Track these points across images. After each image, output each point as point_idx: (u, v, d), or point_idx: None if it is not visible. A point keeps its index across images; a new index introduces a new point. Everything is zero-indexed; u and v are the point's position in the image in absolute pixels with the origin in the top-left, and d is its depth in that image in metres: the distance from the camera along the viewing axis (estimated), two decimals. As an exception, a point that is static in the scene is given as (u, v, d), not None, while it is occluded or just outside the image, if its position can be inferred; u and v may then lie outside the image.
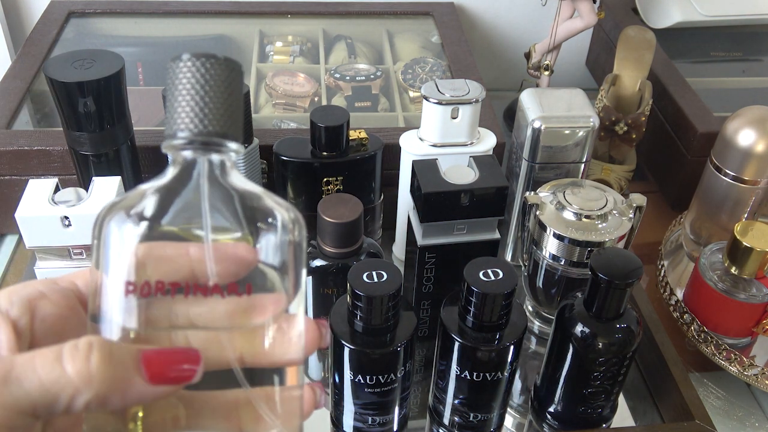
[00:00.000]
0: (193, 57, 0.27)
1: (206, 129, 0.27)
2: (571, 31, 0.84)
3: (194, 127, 0.27)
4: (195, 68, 0.27)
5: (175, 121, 0.27)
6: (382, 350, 0.49)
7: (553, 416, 0.57)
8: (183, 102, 0.27)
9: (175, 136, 0.27)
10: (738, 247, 0.61)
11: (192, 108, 0.27)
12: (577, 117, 0.65)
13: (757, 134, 0.65)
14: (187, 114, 0.27)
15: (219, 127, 0.27)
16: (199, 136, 0.27)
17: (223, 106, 0.27)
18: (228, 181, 0.28)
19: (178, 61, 0.27)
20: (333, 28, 0.97)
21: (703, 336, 0.64)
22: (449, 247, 0.59)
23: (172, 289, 0.27)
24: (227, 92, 0.27)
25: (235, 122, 0.28)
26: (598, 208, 0.59)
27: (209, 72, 0.27)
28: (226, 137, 0.27)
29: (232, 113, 0.27)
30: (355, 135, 0.65)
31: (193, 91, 0.27)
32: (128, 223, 0.27)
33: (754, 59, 1.00)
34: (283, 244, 0.28)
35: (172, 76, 0.27)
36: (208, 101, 0.27)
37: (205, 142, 0.27)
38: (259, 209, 0.28)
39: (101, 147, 0.61)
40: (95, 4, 0.94)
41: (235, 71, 0.28)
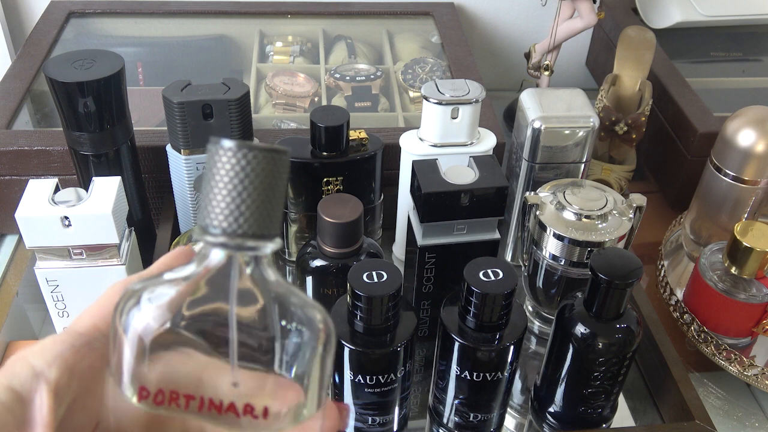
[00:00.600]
0: (235, 147, 0.24)
1: (242, 230, 0.25)
2: (571, 31, 0.84)
3: (228, 226, 0.25)
4: (236, 160, 0.24)
5: (209, 215, 0.25)
6: (382, 350, 0.49)
7: (553, 416, 0.57)
8: (220, 195, 0.24)
9: (209, 232, 0.25)
10: (738, 247, 0.61)
11: (228, 204, 0.24)
12: (577, 117, 0.65)
13: (757, 134, 0.65)
14: (222, 211, 0.25)
15: (256, 228, 0.25)
16: (233, 237, 0.25)
17: (264, 203, 0.25)
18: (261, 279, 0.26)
19: (218, 147, 0.25)
20: (333, 28, 0.97)
21: (703, 336, 0.64)
22: (449, 247, 0.59)
23: (186, 402, 0.25)
24: (269, 188, 0.25)
25: (273, 219, 0.25)
26: (598, 208, 0.59)
27: (251, 164, 0.24)
28: (263, 238, 0.25)
29: (271, 210, 0.25)
30: (355, 135, 0.65)
31: (231, 186, 0.24)
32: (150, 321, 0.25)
33: (754, 59, 1.00)
34: (313, 350, 0.27)
35: (211, 162, 0.25)
36: (246, 198, 0.24)
37: (239, 245, 0.25)
38: (290, 309, 0.27)
39: (101, 147, 0.61)
40: (95, 4, 0.94)
41: (281, 163, 0.25)
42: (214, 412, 0.26)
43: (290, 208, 0.68)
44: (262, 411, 0.26)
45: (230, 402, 0.26)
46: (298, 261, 0.61)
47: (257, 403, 0.26)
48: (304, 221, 0.69)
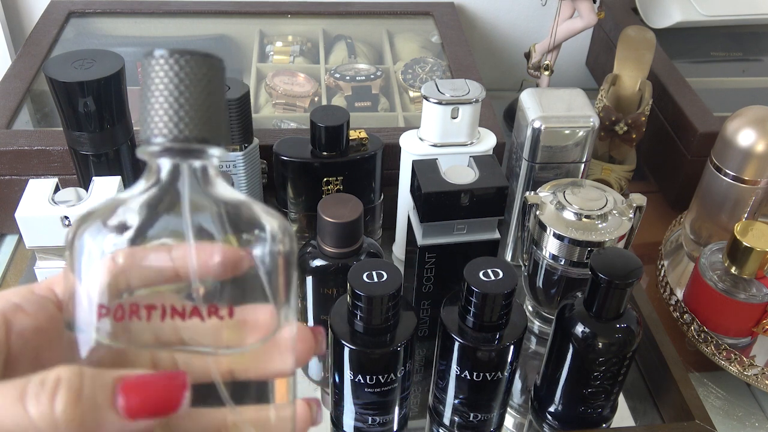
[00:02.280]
0: (167, 53, 0.24)
1: (182, 134, 0.24)
2: (571, 31, 0.84)
3: (169, 132, 0.24)
4: (169, 66, 0.24)
5: (149, 126, 0.25)
6: (382, 350, 0.49)
7: (553, 416, 0.57)
8: (156, 104, 0.24)
9: (150, 142, 0.25)
10: (738, 247, 0.61)
11: (166, 111, 0.24)
12: (577, 117, 0.65)
13: (757, 134, 0.65)
14: (161, 118, 0.24)
15: (198, 131, 0.24)
16: (175, 142, 0.24)
17: (202, 107, 0.25)
18: (211, 190, 0.26)
19: (150, 58, 0.24)
20: (333, 28, 0.97)
21: (703, 336, 0.64)
22: (449, 247, 0.59)
23: (147, 313, 0.25)
24: (206, 92, 0.25)
25: (217, 125, 0.25)
26: (598, 208, 0.59)
27: (184, 70, 0.24)
28: (207, 141, 0.25)
29: (212, 115, 0.25)
30: (355, 135, 0.65)
31: (167, 92, 0.24)
32: (103, 234, 0.25)
33: (754, 59, 1.00)
34: (273, 255, 0.26)
35: (145, 75, 0.25)
36: (184, 102, 0.24)
37: (184, 149, 0.25)
38: (245, 219, 0.26)
39: (101, 147, 0.61)
40: (95, 4, 0.94)
41: (215, 68, 0.25)
42: (178, 319, 0.25)
43: (290, 208, 0.68)
44: (227, 311, 0.25)
45: (192, 306, 0.25)
46: (298, 261, 0.61)
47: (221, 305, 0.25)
48: (304, 221, 0.69)
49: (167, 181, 0.26)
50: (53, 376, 0.22)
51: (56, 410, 0.22)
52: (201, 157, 0.25)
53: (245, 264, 0.26)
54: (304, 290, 0.62)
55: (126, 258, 0.25)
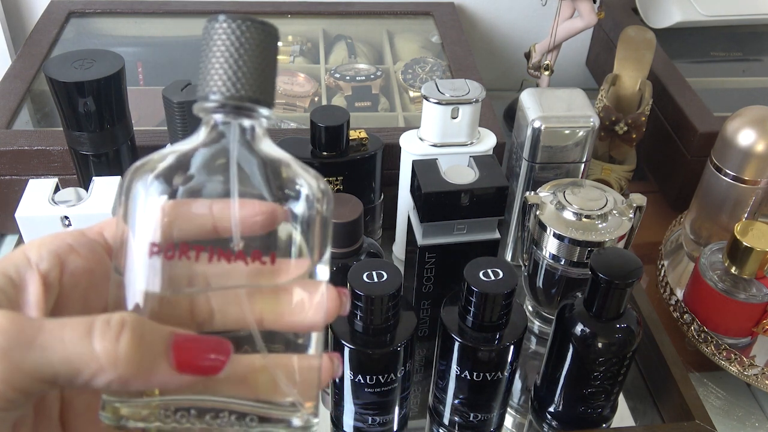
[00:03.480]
0: (229, 18, 0.26)
1: (239, 93, 0.26)
2: (571, 31, 0.84)
3: (227, 90, 0.26)
4: (231, 30, 0.26)
5: (208, 84, 0.27)
6: (382, 350, 0.49)
7: (553, 416, 0.57)
8: (217, 64, 0.26)
9: (208, 99, 0.27)
10: (738, 247, 0.61)
11: (225, 71, 0.26)
12: (577, 117, 0.65)
13: (757, 134, 0.65)
14: (220, 77, 0.26)
15: (252, 91, 0.27)
16: (231, 99, 0.26)
17: (257, 70, 0.27)
18: (258, 147, 0.28)
19: (213, 22, 0.27)
20: (333, 28, 0.97)
21: (703, 336, 0.64)
22: (449, 247, 0.59)
23: (197, 252, 0.26)
24: (262, 57, 0.27)
25: (268, 88, 0.27)
26: (598, 208, 0.59)
27: (245, 35, 0.26)
28: (259, 102, 0.27)
29: (265, 78, 0.27)
30: (355, 135, 0.65)
31: (227, 54, 0.26)
32: (155, 184, 0.27)
33: (754, 59, 1.00)
34: (311, 213, 0.28)
35: (207, 37, 0.27)
36: (242, 65, 0.26)
37: (238, 107, 0.27)
38: (287, 177, 0.28)
39: (101, 147, 0.61)
40: (95, 4, 0.94)
41: (271, 35, 0.27)
42: (224, 261, 0.26)
43: (290, 208, 0.68)
44: (270, 258, 0.27)
45: (239, 250, 0.27)
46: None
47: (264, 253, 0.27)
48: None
49: (219, 136, 0.27)
50: (118, 318, 0.24)
51: (120, 348, 0.24)
52: (252, 116, 0.27)
53: (282, 219, 0.28)
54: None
55: (175, 207, 0.27)
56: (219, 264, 0.27)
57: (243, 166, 0.27)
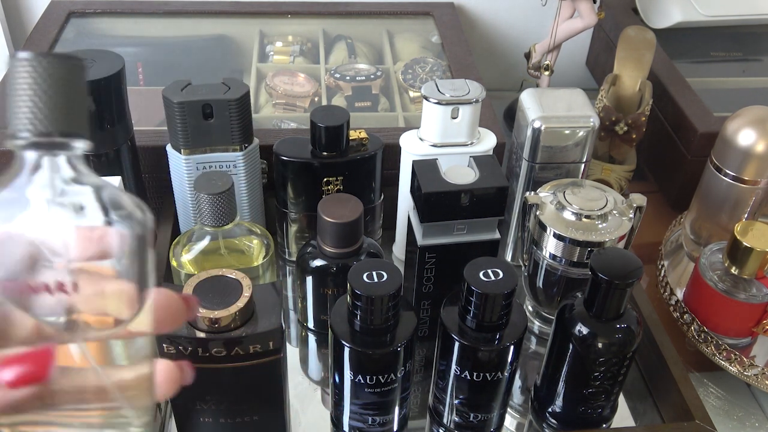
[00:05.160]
0: (29, 56, 0.27)
1: (45, 129, 0.27)
2: (571, 31, 0.84)
3: (34, 127, 0.27)
4: (31, 67, 0.27)
5: (16, 121, 0.27)
6: (382, 350, 0.49)
7: (553, 416, 0.57)
8: (21, 102, 0.27)
9: (17, 137, 0.27)
10: (738, 247, 0.61)
11: (30, 108, 0.27)
12: (577, 117, 0.65)
13: (757, 134, 0.65)
14: (25, 114, 0.27)
15: (61, 125, 0.27)
16: (40, 136, 0.27)
17: (65, 105, 0.27)
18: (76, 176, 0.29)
19: (14, 60, 0.27)
20: (333, 28, 0.97)
21: (703, 336, 0.64)
22: (449, 247, 0.59)
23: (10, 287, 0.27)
24: (67, 91, 0.27)
25: (78, 120, 0.28)
26: (598, 208, 0.59)
27: (45, 71, 0.27)
28: (69, 135, 0.28)
29: (74, 110, 0.28)
30: (355, 135, 0.65)
31: (30, 92, 0.27)
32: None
33: (754, 59, 1.00)
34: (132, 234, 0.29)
35: (11, 75, 0.27)
36: (47, 100, 0.27)
37: (48, 143, 0.27)
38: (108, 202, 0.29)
39: (101, 147, 0.61)
40: (95, 4, 0.94)
41: (74, 68, 0.28)
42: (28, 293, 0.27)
43: (290, 208, 0.68)
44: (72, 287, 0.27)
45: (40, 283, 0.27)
46: (298, 261, 0.61)
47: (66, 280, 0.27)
48: (304, 221, 0.69)
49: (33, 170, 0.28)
50: None
51: None
52: (66, 148, 0.28)
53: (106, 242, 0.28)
54: (304, 290, 0.62)
55: None
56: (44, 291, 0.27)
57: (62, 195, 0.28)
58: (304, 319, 0.65)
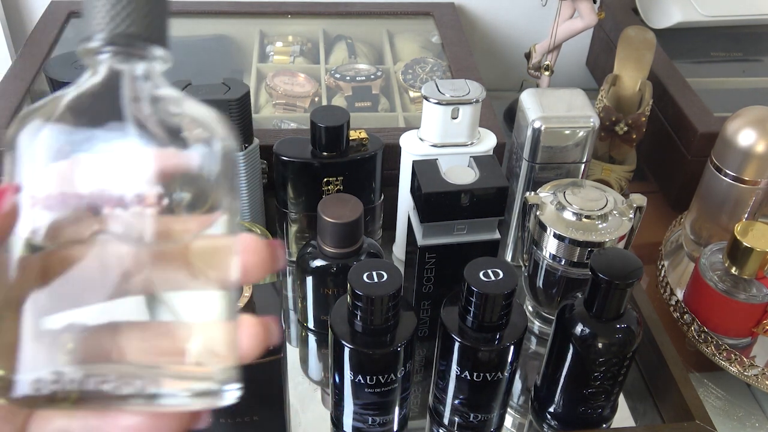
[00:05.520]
0: None
1: (126, 30, 0.24)
2: (572, 31, 0.84)
3: (115, 27, 0.24)
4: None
5: (93, 23, 0.24)
6: (382, 350, 0.49)
7: (553, 416, 0.57)
8: (99, 4, 0.24)
9: (92, 38, 0.24)
10: (738, 248, 0.61)
11: (111, 7, 0.24)
12: (577, 117, 0.65)
13: (757, 134, 0.65)
14: (106, 13, 0.24)
15: (142, 30, 0.24)
16: (120, 38, 0.24)
17: (149, 8, 0.25)
18: (152, 90, 0.26)
19: None
20: (333, 28, 0.97)
21: (703, 336, 0.64)
22: (449, 247, 0.59)
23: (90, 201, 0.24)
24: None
25: (158, 26, 0.25)
26: (598, 209, 0.59)
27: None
28: (149, 41, 0.25)
29: (156, 15, 0.25)
30: (356, 135, 0.65)
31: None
32: (41, 133, 0.24)
33: (754, 59, 1.00)
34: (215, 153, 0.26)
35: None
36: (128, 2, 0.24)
37: (126, 44, 0.24)
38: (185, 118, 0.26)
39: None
40: (95, 4, 0.94)
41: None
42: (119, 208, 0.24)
43: (290, 208, 0.68)
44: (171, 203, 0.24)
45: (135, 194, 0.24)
46: (298, 261, 0.61)
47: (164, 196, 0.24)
48: (304, 221, 0.69)
49: (109, 79, 0.25)
50: None
51: None
52: (143, 56, 0.25)
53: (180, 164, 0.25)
54: (304, 290, 0.62)
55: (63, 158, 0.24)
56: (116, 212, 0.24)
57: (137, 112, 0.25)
58: (304, 319, 0.65)
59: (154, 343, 0.25)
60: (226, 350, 0.26)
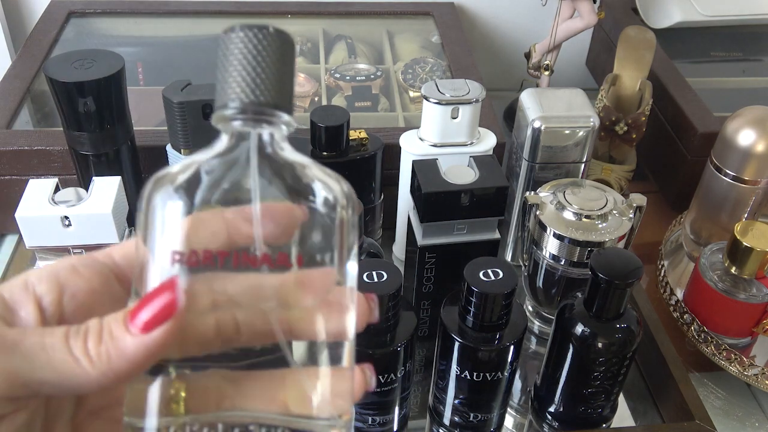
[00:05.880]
0: (246, 28, 0.27)
1: (258, 99, 0.26)
2: (571, 31, 0.84)
3: (245, 97, 0.26)
4: (247, 39, 0.27)
5: (227, 93, 0.27)
6: (382, 350, 0.49)
7: (553, 416, 0.57)
8: (235, 73, 0.26)
9: (227, 107, 0.27)
10: (738, 247, 0.61)
11: (243, 78, 0.26)
12: (577, 117, 0.65)
13: (757, 134, 0.65)
14: (239, 84, 0.26)
15: (270, 97, 0.27)
16: (251, 106, 0.26)
17: (275, 77, 0.27)
18: (279, 154, 0.28)
19: (230, 33, 0.27)
20: (333, 28, 0.97)
21: (703, 336, 0.64)
22: (449, 247, 0.58)
23: (221, 258, 0.26)
24: (279, 63, 0.27)
25: (286, 94, 0.27)
26: (598, 208, 0.59)
27: (261, 43, 0.27)
28: (278, 108, 0.27)
29: (283, 85, 0.27)
30: (355, 135, 0.65)
31: (245, 62, 0.26)
32: (175, 196, 0.26)
33: (754, 59, 1.00)
34: (333, 216, 0.28)
35: (224, 48, 0.27)
36: (260, 72, 0.27)
37: (257, 112, 0.27)
38: (307, 182, 0.28)
39: (101, 147, 0.61)
40: (95, 4, 0.94)
41: (288, 43, 0.27)
42: (249, 265, 0.26)
43: (290, 208, 0.68)
44: (296, 258, 0.27)
45: (263, 253, 0.26)
46: (298, 261, 0.61)
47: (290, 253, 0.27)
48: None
49: (238, 144, 0.27)
50: (85, 324, 0.26)
51: (89, 350, 0.25)
52: (271, 122, 0.27)
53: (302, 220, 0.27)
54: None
55: (197, 217, 0.27)
56: (244, 270, 0.26)
57: (263, 174, 0.27)
58: (304, 319, 0.65)
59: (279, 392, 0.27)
60: (346, 398, 0.28)
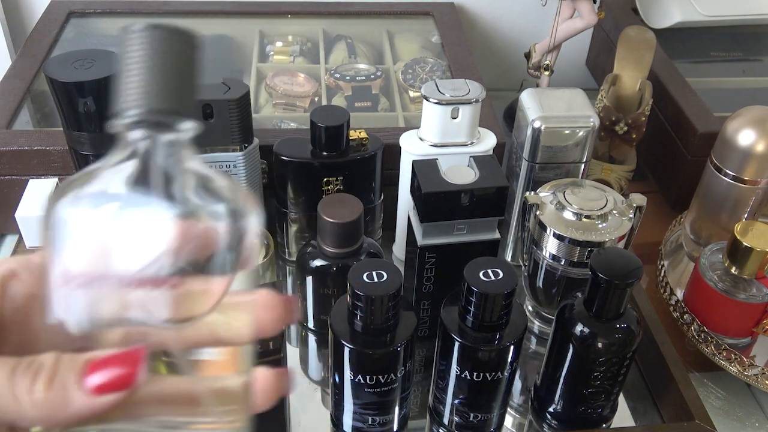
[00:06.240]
0: (142, 28, 0.25)
1: (151, 107, 0.25)
2: (571, 31, 0.84)
3: (142, 104, 0.25)
4: (142, 39, 0.25)
5: (120, 98, 0.25)
6: (382, 350, 0.49)
7: (553, 416, 0.57)
8: (130, 77, 0.25)
9: (123, 115, 0.25)
10: (738, 247, 0.61)
11: (140, 84, 0.25)
12: (577, 117, 0.65)
13: (757, 134, 0.65)
14: (135, 90, 0.25)
15: (170, 104, 0.25)
16: (148, 114, 0.25)
17: (173, 80, 0.25)
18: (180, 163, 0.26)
19: (125, 33, 0.25)
20: (333, 28, 0.97)
21: (703, 336, 0.64)
22: (449, 247, 0.58)
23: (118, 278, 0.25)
24: (177, 66, 0.25)
25: (187, 99, 0.26)
26: (598, 208, 0.59)
27: (155, 44, 0.25)
28: (177, 114, 0.26)
29: (182, 89, 0.26)
30: (355, 135, 0.65)
31: (140, 65, 0.25)
32: (75, 208, 0.25)
33: (754, 59, 1.00)
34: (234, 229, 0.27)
35: (121, 50, 0.25)
36: (157, 75, 0.25)
37: (155, 121, 0.25)
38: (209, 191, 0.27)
39: (101, 147, 0.61)
40: (95, 4, 0.94)
41: (187, 43, 0.26)
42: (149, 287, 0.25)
43: (290, 208, 0.68)
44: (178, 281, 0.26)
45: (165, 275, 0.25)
46: (298, 261, 0.61)
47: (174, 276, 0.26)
48: (304, 221, 0.69)
49: (138, 153, 0.26)
50: (38, 361, 0.25)
51: (35, 390, 0.24)
52: (172, 129, 0.26)
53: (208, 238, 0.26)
54: (304, 290, 0.62)
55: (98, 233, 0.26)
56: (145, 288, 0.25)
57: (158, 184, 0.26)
58: (304, 319, 0.65)
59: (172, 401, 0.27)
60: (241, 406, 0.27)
